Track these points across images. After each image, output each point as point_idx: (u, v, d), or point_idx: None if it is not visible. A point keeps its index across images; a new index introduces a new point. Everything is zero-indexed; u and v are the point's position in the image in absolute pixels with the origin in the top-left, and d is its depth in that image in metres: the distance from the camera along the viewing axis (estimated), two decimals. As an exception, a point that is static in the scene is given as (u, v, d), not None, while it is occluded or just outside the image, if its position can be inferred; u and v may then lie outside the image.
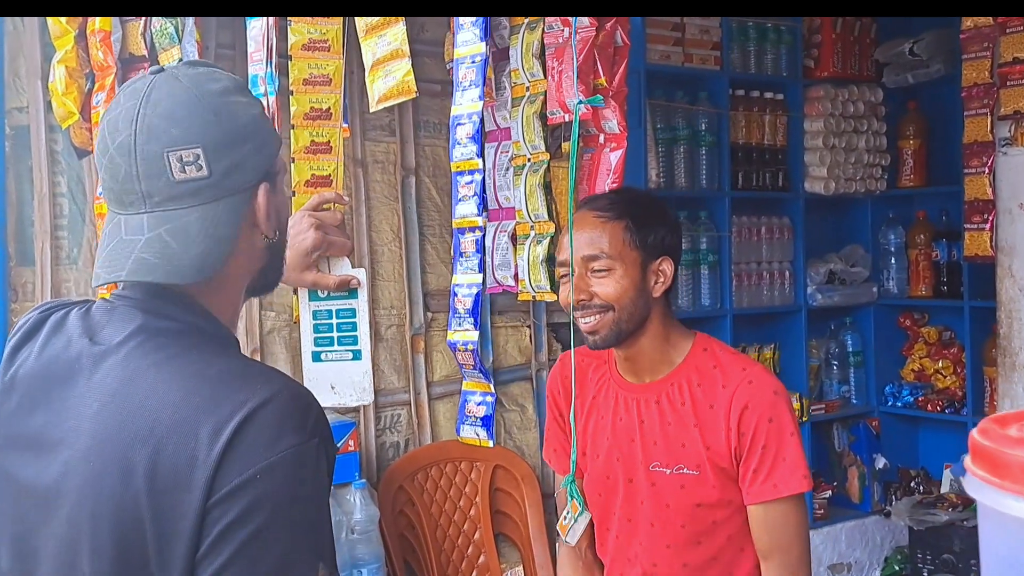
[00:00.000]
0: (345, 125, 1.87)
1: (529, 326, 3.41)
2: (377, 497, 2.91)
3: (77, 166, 2.77)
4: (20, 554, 1.04)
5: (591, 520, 1.74)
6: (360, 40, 1.62)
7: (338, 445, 2.82)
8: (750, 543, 1.64)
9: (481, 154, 1.28)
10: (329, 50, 1.74)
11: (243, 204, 1.04)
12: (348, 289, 1.57)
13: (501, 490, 3.18)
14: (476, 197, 1.30)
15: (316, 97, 1.74)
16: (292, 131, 1.79)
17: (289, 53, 1.78)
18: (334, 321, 1.60)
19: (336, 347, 1.61)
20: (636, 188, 1.74)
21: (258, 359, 2.94)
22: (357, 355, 1.60)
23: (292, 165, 1.79)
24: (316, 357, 1.62)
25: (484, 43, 1.46)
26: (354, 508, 2.74)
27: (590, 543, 1.80)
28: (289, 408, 0.97)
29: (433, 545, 3.03)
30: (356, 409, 3.00)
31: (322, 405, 1.05)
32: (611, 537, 1.74)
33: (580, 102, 1.30)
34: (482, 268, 1.35)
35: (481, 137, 1.26)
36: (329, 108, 1.73)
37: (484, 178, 1.28)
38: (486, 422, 1.39)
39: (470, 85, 1.28)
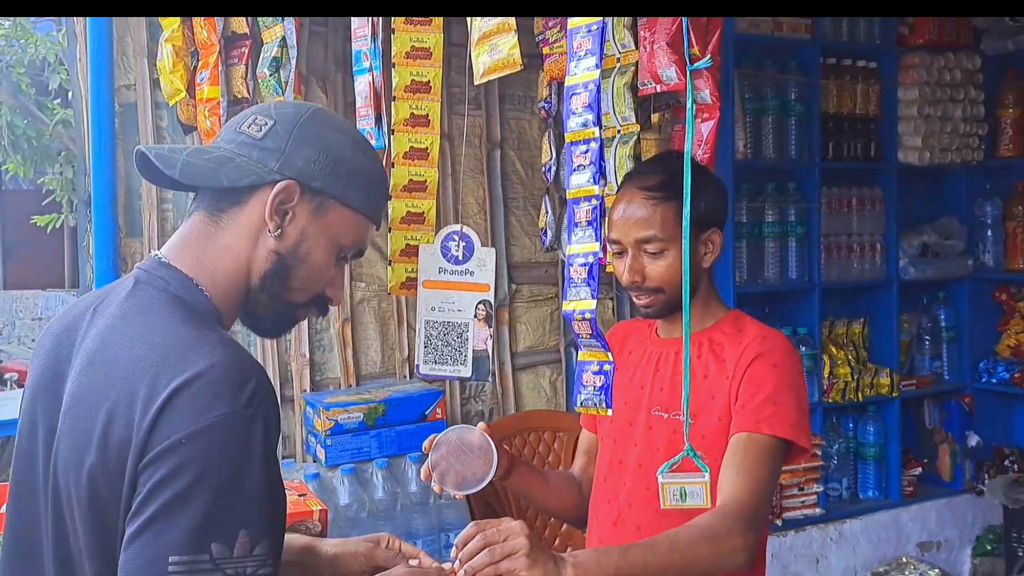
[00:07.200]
0: None
1: (612, 298, 3.42)
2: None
3: (182, 141, 2.88)
4: (26, 503, 1.14)
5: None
6: None
7: (425, 413, 2.89)
8: None
9: (598, 123, 1.29)
10: (430, 24, 1.78)
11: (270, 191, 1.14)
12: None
13: (585, 460, 3.21)
14: (592, 166, 1.31)
15: (417, 70, 1.78)
16: (393, 103, 1.84)
17: (392, 27, 1.83)
18: None
19: None
20: (675, 154, 1.74)
21: (348, 330, 3.03)
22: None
23: (392, 137, 1.84)
24: None
25: None
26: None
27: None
28: (225, 378, 1.01)
29: (517, 513, 3.08)
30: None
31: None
32: (600, 480, 1.77)
33: (692, 67, 1.31)
34: (598, 237, 1.36)
35: (598, 106, 1.27)
36: (429, 81, 1.77)
37: (601, 147, 1.29)
38: (604, 391, 1.41)
39: (586, 54, 1.29)
